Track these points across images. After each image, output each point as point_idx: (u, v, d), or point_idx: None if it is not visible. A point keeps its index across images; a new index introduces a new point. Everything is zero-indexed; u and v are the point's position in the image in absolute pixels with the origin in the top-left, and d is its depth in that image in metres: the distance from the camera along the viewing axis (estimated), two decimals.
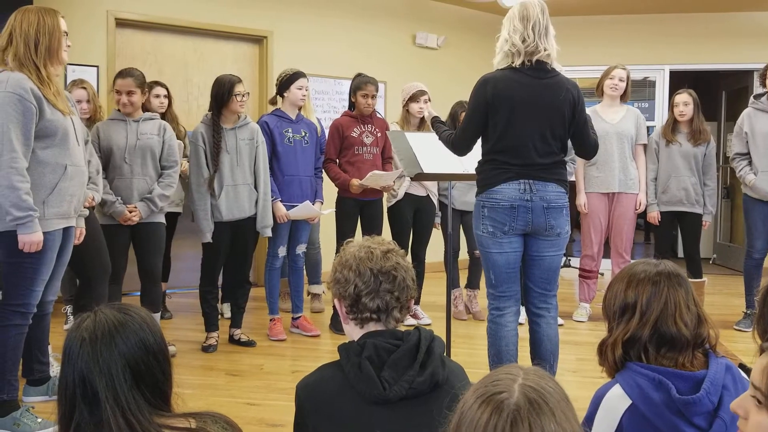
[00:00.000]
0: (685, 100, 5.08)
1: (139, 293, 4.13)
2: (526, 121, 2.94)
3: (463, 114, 4.98)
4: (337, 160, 4.66)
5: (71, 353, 1.37)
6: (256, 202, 4.29)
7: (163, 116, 4.79)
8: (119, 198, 3.88)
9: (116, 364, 1.34)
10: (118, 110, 4.01)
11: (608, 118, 5.03)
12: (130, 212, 3.89)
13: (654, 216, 5.20)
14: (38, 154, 2.87)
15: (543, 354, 3.10)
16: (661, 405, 1.61)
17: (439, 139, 3.27)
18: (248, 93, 4.28)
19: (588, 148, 3.19)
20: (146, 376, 1.38)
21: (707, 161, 5.14)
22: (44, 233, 2.88)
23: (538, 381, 1.10)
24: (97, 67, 5.45)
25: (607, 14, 7.48)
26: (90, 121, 4.25)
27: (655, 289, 1.72)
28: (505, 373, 1.13)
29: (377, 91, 4.70)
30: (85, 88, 4.34)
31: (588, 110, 5.10)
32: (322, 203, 4.69)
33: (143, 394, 1.36)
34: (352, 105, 4.72)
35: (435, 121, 3.41)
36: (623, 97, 5.10)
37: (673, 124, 5.17)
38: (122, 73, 3.98)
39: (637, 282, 1.75)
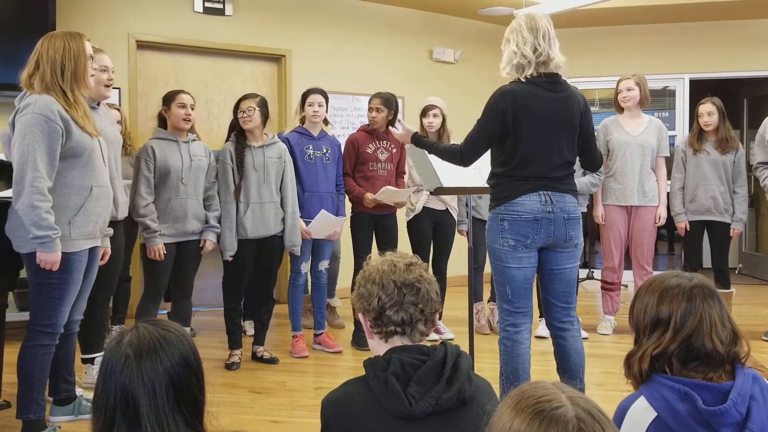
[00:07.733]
0: (708, 110, 5.03)
1: (164, 311, 4.14)
2: (546, 134, 2.94)
3: None
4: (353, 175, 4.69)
5: (113, 369, 1.33)
6: (282, 219, 4.32)
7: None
8: (160, 230, 3.89)
9: (160, 381, 1.32)
10: (162, 128, 4.06)
11: (630, 129, 4.98)
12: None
13: (682, 226, 5.14)
14: (65, 176, 2.91)
15: (571, 367, 3.07)
16: (688, 417, 1.59)
17: (434, 151, 3.20)
18: (252, 108, 4.16)
19: (595, 160, 3.23)
20: (186, 394, 1.36)
21: (737, 168, 5.06)
22: (71, 254, 2.92)
23: (578, 393, 1.08)
24: (119, 89, 5.53)
25: (626, 24, 7.45)
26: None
27: (690, 305, 1.68)
28: (542, 387, 1.10)
29: (386, 104, 4.66)
30: (118, 109, 4.40)
31: (610, 119, 5.10)
32: (344, 219, 4.70)
33: (182, 412, 1.34)
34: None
35: (418, 136, 3.28)
36: (643, 104, 5.03)
37: (699, 133, 5.11)
38: (184, 90, 4.08)
39: (671, 297, 1.70)
